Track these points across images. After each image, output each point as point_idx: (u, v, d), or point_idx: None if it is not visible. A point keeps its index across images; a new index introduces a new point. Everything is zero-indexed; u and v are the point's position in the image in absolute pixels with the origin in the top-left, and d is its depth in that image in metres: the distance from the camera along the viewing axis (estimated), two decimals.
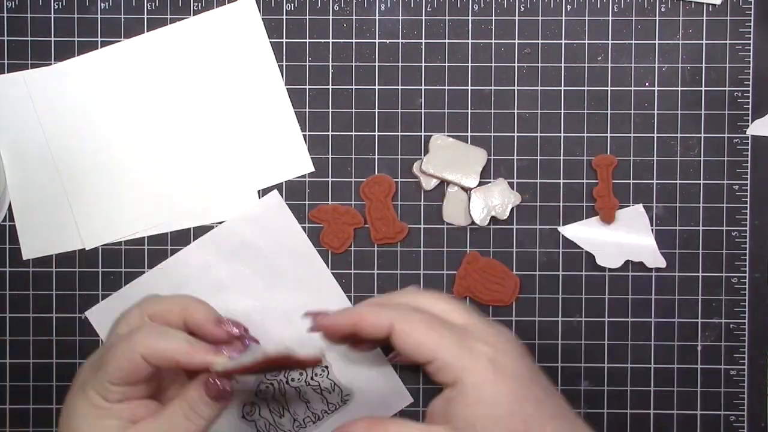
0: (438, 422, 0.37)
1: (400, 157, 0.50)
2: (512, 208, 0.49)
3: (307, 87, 0.50)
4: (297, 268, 0.50)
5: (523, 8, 0.50)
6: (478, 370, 0.36)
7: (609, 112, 0.50)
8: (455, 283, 0.49)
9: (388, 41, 0.50)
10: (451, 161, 0.49)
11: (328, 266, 0.50)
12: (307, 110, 0.50)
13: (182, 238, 0.50)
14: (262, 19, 0.49)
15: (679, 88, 0.50)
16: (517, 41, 0.50)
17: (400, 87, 0.50)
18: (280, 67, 0.50)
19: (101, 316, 0.49)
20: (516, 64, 0.50)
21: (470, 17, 0.50)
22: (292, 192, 0.50)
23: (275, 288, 0.49)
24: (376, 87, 0.50)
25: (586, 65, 0.50)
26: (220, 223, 0.50)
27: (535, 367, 0.39)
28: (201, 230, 0.50)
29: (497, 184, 0.49)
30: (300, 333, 0.46)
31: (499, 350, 0.37)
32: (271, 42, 0.50)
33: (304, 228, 0.50)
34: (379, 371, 0.50)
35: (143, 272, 0.49)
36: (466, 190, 0.49)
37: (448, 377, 0.37)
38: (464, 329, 0.38)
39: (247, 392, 0.49)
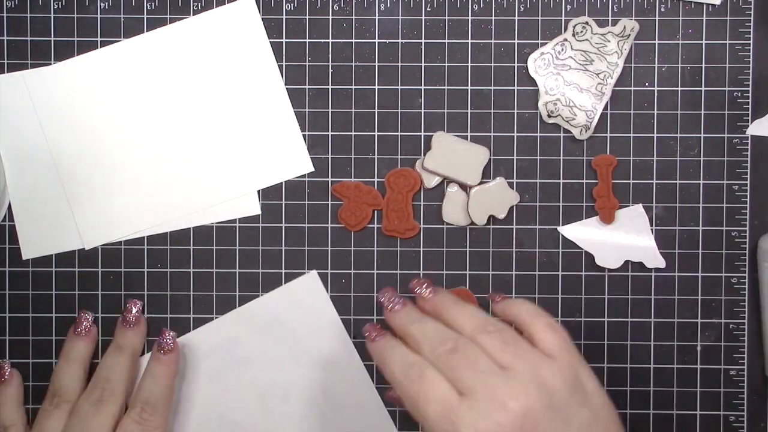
0: None
1: (399, 157, 0.50)
2: (512, 208, 0.49)
3: (307, 87, 0.50)
4: (326, 348, 0.50)
5: (523, 8, 0.49)
6: None
7: (609, 112, 0.50)
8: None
9: (387, 41, 0.50)
10: (453, 158, 0.49)
11: (327, 269, 0.50)
12: (306, 110, 0.50)
13: (182, 238, 0.50)
14: (262, 19, 0.49)
15: (679, 88, 0.50)
16: (517, 41, 0.50)
17: (399, 87, 0.50)
18: (280, 67, 0.49)
19: None
20: (516, 64, 0.50)
21: (470, 17, 0.50)
22: (292, 192, 0.50)
23: (301, 365, 0.49)
24: (376, 87, 0.50)
25: None
26: (220, 223, 0.50)
27: None
28: (201, 230, 0.50)
29: (497, 184, 0.49)
30: (323, 416, 0.49)
31: None
32: (270, 42, 0.49)
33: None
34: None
35: (143, 272, 0.49)
36: (467, 189, 0.49)
37: None
38: None
39: None
